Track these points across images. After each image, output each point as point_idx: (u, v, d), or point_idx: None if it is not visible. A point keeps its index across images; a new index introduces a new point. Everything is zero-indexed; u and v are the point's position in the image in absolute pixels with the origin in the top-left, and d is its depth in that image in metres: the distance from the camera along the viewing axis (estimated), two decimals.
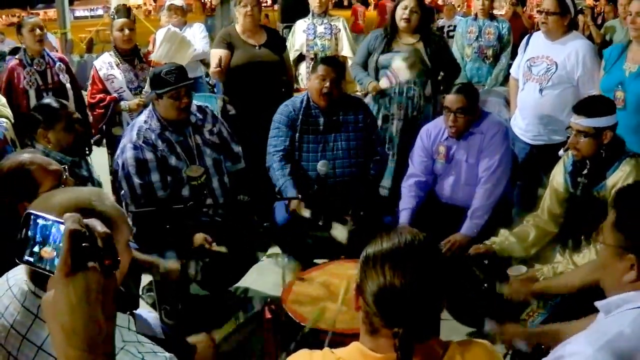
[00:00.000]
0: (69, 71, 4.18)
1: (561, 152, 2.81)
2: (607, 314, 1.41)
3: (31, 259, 0.78)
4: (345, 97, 3.52)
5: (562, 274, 2.47)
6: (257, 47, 4.10)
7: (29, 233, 0.78)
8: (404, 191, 3.35)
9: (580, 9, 5.88)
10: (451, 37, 6.43)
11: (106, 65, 4.01)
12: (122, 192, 3.07)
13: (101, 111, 3.97)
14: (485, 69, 5.26)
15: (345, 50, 4.88)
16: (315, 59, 4.68)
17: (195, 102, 3.26)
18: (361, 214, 3.15)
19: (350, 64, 4.54)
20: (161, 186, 3.03)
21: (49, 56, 4.10)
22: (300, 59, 4.95)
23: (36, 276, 1.13)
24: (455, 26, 7.06)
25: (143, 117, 3.15)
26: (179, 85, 3.02)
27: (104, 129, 4.02)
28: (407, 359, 1.13)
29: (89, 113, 4.04)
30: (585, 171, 2.65)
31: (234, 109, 4.12)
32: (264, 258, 3.46)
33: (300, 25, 4.90)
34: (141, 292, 3.45)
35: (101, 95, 3.96)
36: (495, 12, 5.91)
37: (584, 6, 7.61)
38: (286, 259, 2.93)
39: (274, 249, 3.61)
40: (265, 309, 2.49)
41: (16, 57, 4.06)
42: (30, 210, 0.80)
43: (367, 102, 4.00)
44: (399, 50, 3.94)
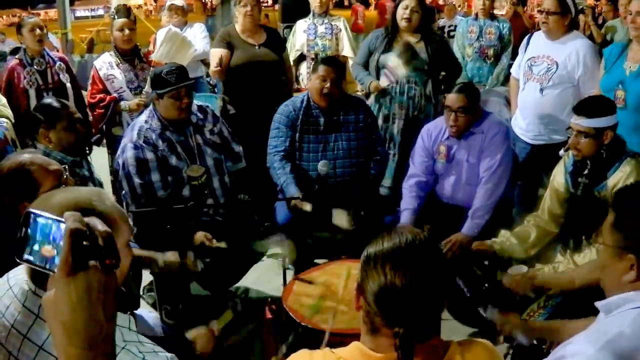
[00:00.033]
0: (69, 71, 4.18)
1: (562, 151, 2.81)
2: (607, 314, 1.41)
3: (31, 258, 0.78)
4: (345, 97, 3.52)
5: (564, 272, 2.47)
6: (256, 47, 4.10)
7: (28, 232, 0.78)
8: (405, 191, 3.34)
9: (581, 8, 5.87)
10: (452, 37, 6.44)
11: (106, 65, 4.01)
12: (123, 192, 3.08)
13: (101, 111, 3.96)
14: (486, 68, 5.27)
15: (346, 50, 4.88)
16: (316, 58, 4.68)
17: (196, 101, 3.26)
18: (362, 213, 3.16)
19: (351, 63, 4.54)
20: (161, 186, 3.03)
21: (49, 56, 4.10)
22: (301, 59, 4.96)
23: (36, 276, 1.13)
24: (455, 26, 7.06)
25: (144, 116, 3.15)
26: (180, 85, 3.02)
27: (104, 129, 4.02)
28: (408, 358, 1.13)
29: (89, 113, 4.03)
30: (585, 171, 2.65)
31: (233, 108, 4.12)
32: (264, 258, 3.47)
33: (301, 25, 4.90)
34: (142, 292, 3.45)
35: (101, 95, 3.96)
36: (495, 12, 5.91)
37: (585, 6, 7.59)
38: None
39: (274, 248, 3.62)
40: (266, 309, 2.49)
41: (16, 56, 4.06)
42: (30, 209, 0.79)
43: (370, 102, 4.01)
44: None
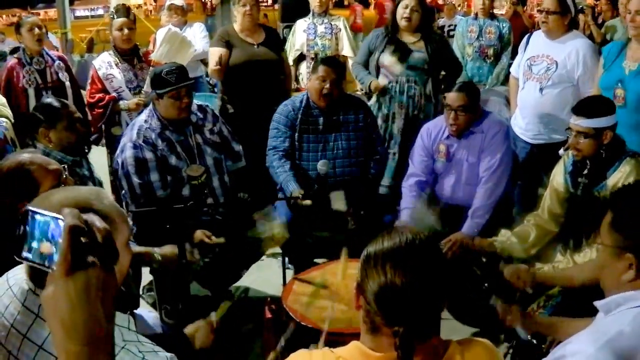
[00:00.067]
0: (68, 70, 4.18)
1: (561, 151, 2.81)
2: (606, 313, 1.41)
3: (30, 256, 0.78)
4: (345, 97, 3.52)
5: (564, 269, 2.47)
6: (255, 46, 4.10)
7: (27, 229, 0.78)
8: (405, 191, 3.34)
9: (580, 8, 5.87)
10: (451, 37, 6.43)
11: (105, 64, 4.01)
12: (123, 191, 3.08)
13: (100, 110, 3.96)
14: (486, 68, 5.26)
15: (346, 50, 4.88)
16: (316, 58, 4.69)
17: (195, 101, 3.25)
18: (361, 213, 3.16)
19: (350, 63, 4.54)
20: (160, 186, 3.02)
21: (48, 55, 4.10)
22: (300, 58, 4.96)
23: (36, 275, 1.13)
24: (455, 25, 7.06)
25: (143, 116, 3.15)
26: (180, 85, 3.02)
27: (103, 128, 4.01)
28: (408, 357, 1.13)
29: (87, 112, 4.03)
30: (585, 171, 2.65)
31: (232, 107, 4.12)
32: (264, 257, 3.47)
33: (301, 24, 4.90)
34: (142, 292, 3.45)
35: (100, 95, 3.96)
36: (495, 11, 5.91)
37: (585, 5, 7.59)
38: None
39: (274, 248, 3.61)
40: (266, 308, 2.49)
41: (15, 56, 4.06)
42: (28, 207, 0.79)
43: (371, 102, 4.01)
44: None
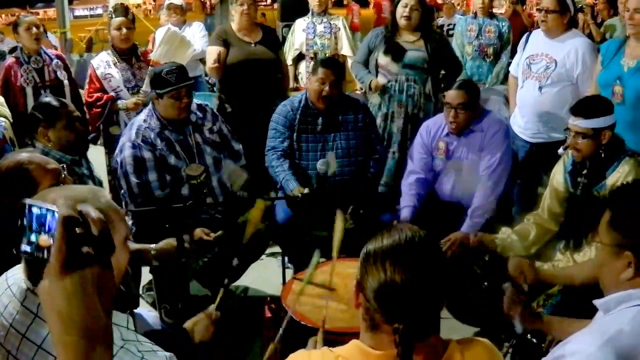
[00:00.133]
0: (66, 68, 4.18)
1: (561, 150, 2.81)
2: (606, 312, 1.41)
3: (28, 249, 0.78)
4: (344, 97, 3.52)
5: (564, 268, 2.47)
6: (252, 45, 4.11)
7: (24, 222, 0.78)
8: (404, 189, 3.34)
9: (580, 7, 5.88)
10: (451, 36, 6.42)
11: (104, 64, 3.99)
12: (122, 191, 3.07)
13: (98, 110, 3.95)
14: (486, 67, 5.25)
15: (345, 49, 4.88)
16: (315, 57, 4.69)
17: (195, 100, 3.25)
18: (360, 212, 3.16)
19: (350, 62, 4.54)
20: (158, 185, 3.02)
21: (45, 54, 4.10)
22: (300, 57, 4.95)
23: (34, 274, 1.13)
24: (454, 25, 7.05)
25: (142, 115, 3.14)
26: (180, 85, 3.01)
27: (100, 128, 4.01)
28: (408, 354, 1.13)
29: (85, 111, 4.02)
30: (584, 171, 2.65)
31: (230, 106, 4.12)
32: (263, 257, 3.47)
33: (300, 24, 4.90)
34: (141, 291, 3.45)
35: (98, 94, 3.95)
36: (494, 10, 5.90)
37: (584, 4, 7.60)
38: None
39: (274, 247, 3.62)
40: (265, 308, 2.48)
41: (12, 55, 4.06)
42: (25, 200, 0.79)
43: (374, 102, 4.00)
44: None
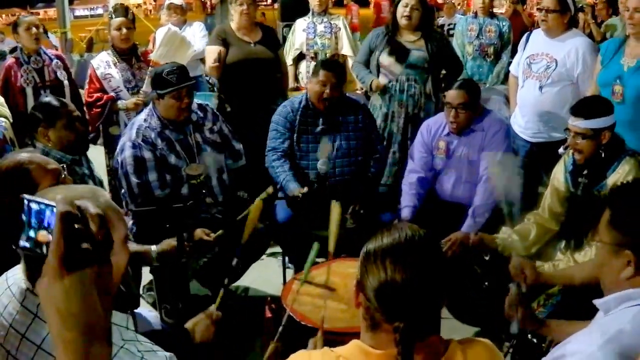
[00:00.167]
0: (66, 68, 4.18)
1: (561, 149, 2.81)
2: (606, 312, 1.41)
3: (27, 244, 0.78)
4: (344, 98, 3.51)
5: (564, 269, 2.47)
6: (252, 44, 4.11)
7: (23, 218, 0.78)
8: (405, 188, 3.33)
9: (580, 6, 5.87)
10: (451, 36, 6.42)
11: (104, 64, 3.99)
12: (122, 190, 3.07)
13: (98, 110, 3.95)
14: (486, 66, 5.25)
15: (345, 49, 4.87)
16: (316, 57, 4.69)
17: (196, 100, 3.25)
18: (361, 212, 3.15)
19: (350, 62, 4.53)
20: (158, 185, 3.01)
21: (45, 54, 4.10)
22: (300, 57, 4.95)
23: (33, 274, 1.13)
24: (455, 24, 7.06)
25: (143, 115, 3.14)
26: (181, 85, 3.01)
27: (100, 128, 4.00)
28: (408, 353, 1.13)
29: (85, 111, 4.02)
30: (585, 171, 2.65)
31: (230, 106, 4.12)
32: (264, 257, 3.46)
33: (300, 24, 4.89)
34: (142, 291, 3.45)
35: (98, 94, 3.94)
36: (495, 10, 5.90)
37: (584, 4, 7.60)
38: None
39: (274, 247, 3.61)
40: (266, 308, 2.48)
41: (12, 55, 4.06)
42: (24, 196, 0.79)
43: (375, 103, 4.00)
44: None
